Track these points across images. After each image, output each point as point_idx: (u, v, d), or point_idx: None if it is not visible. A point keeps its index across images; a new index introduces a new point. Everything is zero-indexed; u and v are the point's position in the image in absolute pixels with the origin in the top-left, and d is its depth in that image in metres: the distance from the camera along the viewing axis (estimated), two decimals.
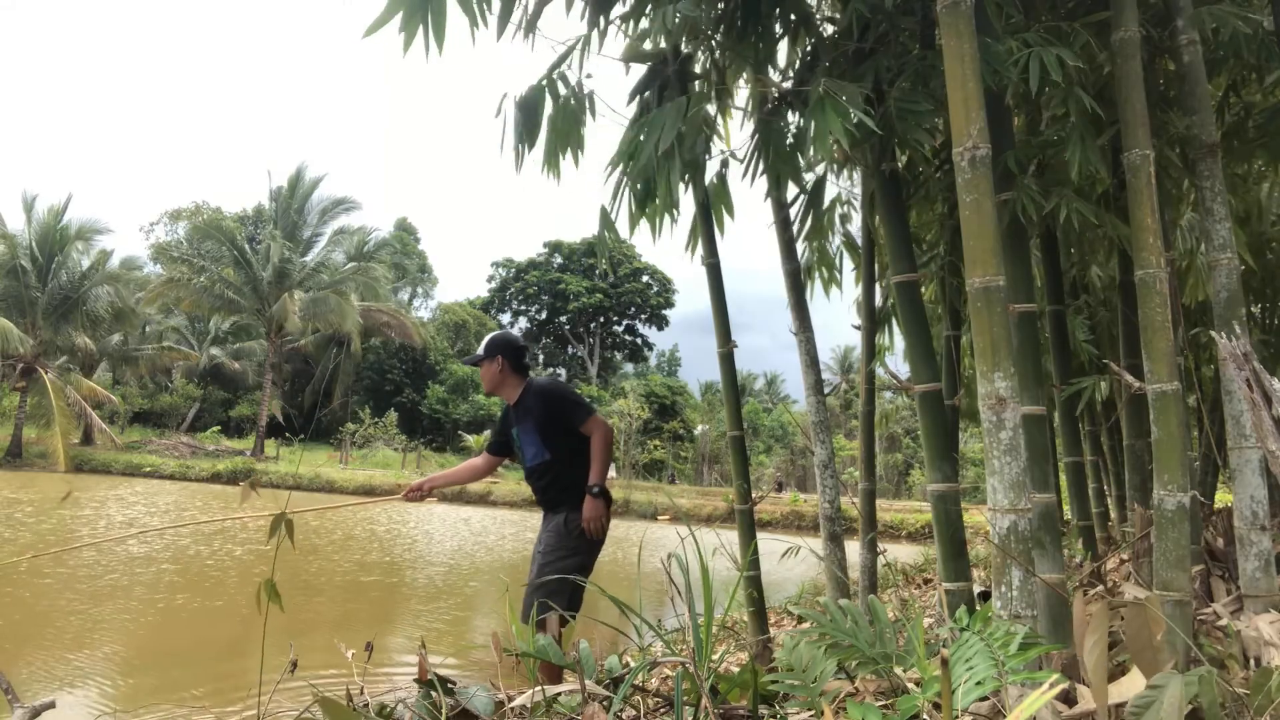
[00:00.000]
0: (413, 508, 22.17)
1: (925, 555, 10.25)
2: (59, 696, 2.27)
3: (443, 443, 41.85)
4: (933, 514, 2.58)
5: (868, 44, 2.89)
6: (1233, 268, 2.58)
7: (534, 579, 3.33)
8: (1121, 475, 5.00)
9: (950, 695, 1.17)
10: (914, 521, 20.54)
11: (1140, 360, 2.45)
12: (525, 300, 53.76)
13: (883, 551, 4.16)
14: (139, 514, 15.66)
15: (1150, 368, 2.34)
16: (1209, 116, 2.67)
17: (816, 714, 1.66)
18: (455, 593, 9.46)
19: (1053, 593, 2.40)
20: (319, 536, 13.48)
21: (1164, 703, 1.39)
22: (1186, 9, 2.66)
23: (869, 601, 1.98)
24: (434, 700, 1.83)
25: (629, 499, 25.88)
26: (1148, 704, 1.41)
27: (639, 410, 35.54)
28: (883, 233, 3.28)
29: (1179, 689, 1.40)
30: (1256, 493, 2.48)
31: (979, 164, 2.14)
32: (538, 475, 3.54)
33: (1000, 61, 2.39)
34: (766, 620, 3.92)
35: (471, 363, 3.62)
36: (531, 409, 3.53)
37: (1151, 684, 1.46)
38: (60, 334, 31.23)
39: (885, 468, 41.96)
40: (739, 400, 3.93)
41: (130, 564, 9.67)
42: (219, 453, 33.68)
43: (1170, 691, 1.40)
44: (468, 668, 5.49)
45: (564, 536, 3.40)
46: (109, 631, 6.33)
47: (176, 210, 49.57)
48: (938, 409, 2.68)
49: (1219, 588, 3.02)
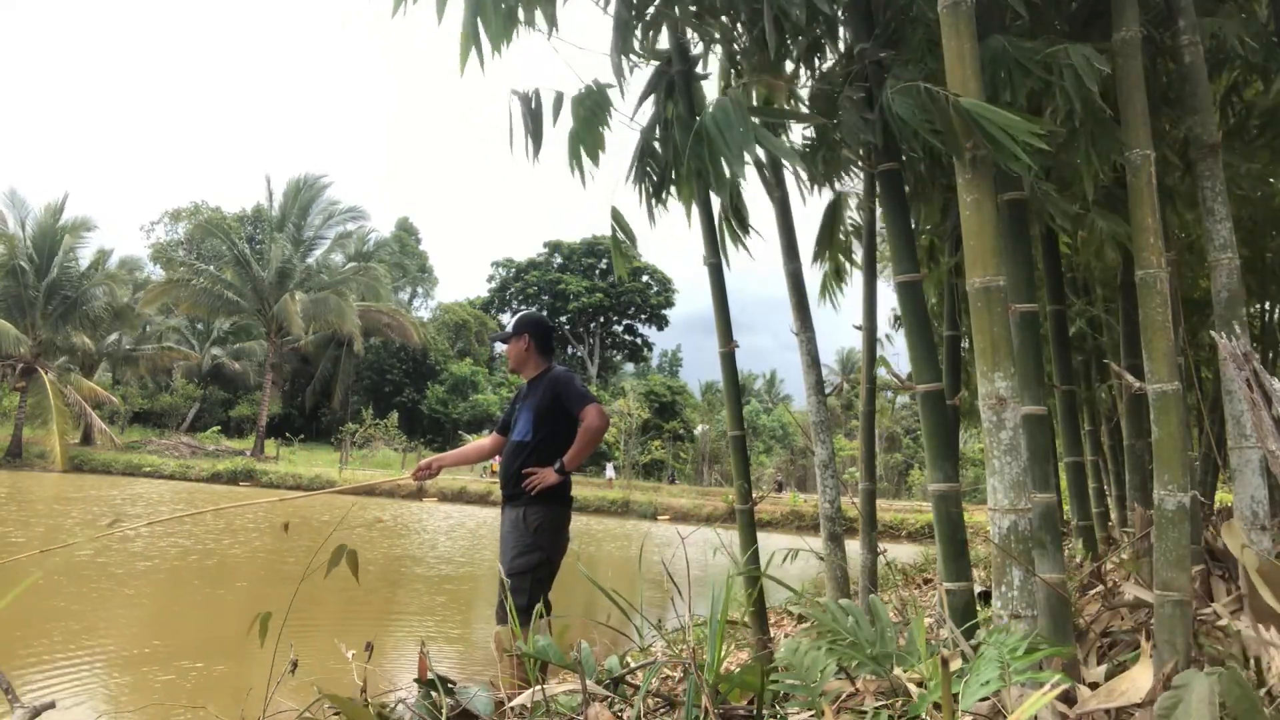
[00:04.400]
0: (413, 507, 22.18)
1: (925, 555, 10.26)
2: (59, 696, 2.27)
3: (442, 443, 41.86)
4: (933, 514, 2.57)
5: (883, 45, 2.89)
6: (1233, 268, 2.58)
7: (500, 575, 3.37)
8: (1122, 475, 5.01)
9: (950, 695, 1.17)
10: (914, 521, 20.55)
11: (1140, 360, 2.45)
12: (525, 300, 53.77)
13: (883, 551, 4.16)
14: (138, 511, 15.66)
15: (1150, 368, 2.34)
16: (1210, 116, 2.67)
17: (817, 714, 1.66)
18: (456, 592, 9.46)
19: (1053, 593, 2.40)
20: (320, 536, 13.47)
21: (1192, 702, 1.36)
22: (1188, 9, 2.65)
23: (870, 601, 1.98)
24: (434, 700, 1.83)
25: (629, 499, 25.91)
26: (1174, 704, 1.39)
27: (639, 410, 35.53)
28: (885, 232, 3.29)
29: (1206, 688, 1.38)
30: (1257, 493, 2.48)
31: (980, 164, 2.14)
32: (512, 455, 3.54)
33: (1028, 57, 2.38)
34: (766, 620, 3.92)
35: (500, 339, 3.79)
36: (540, 391, 3.56)
37: (1175, 683, 1.44)
38: (59, 334, 31.23)
39: (885, 468, 41.98)
40: (740, 400, 3.93)
41: (130, 564, 9.66)
42: (219, 453, 33.68)
43: (1197, 691, 1.38)
44: (468, 668, 5.49)
45: (522, 533, 3.39)
46: (109, 631, 6.33)
47: (176, 210, 49.66)
48: (939, 409, 2.68)
49: (1219, 588, 3.01)
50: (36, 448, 29.30)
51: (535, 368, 3.63)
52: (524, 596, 3.23)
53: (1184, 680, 1.42)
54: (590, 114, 2.89)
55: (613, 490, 28.37)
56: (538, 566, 3.34)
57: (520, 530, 3.39)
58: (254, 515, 15.70)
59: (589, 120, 2.90)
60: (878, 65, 2.85)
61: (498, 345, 43.83)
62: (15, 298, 30.25)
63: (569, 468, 3.41)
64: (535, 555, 3.34)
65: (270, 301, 35.32)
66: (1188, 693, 1.39)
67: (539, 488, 3.37)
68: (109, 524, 4.54)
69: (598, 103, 2.91)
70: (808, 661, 1.73)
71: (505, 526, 3.48)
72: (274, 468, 29.68)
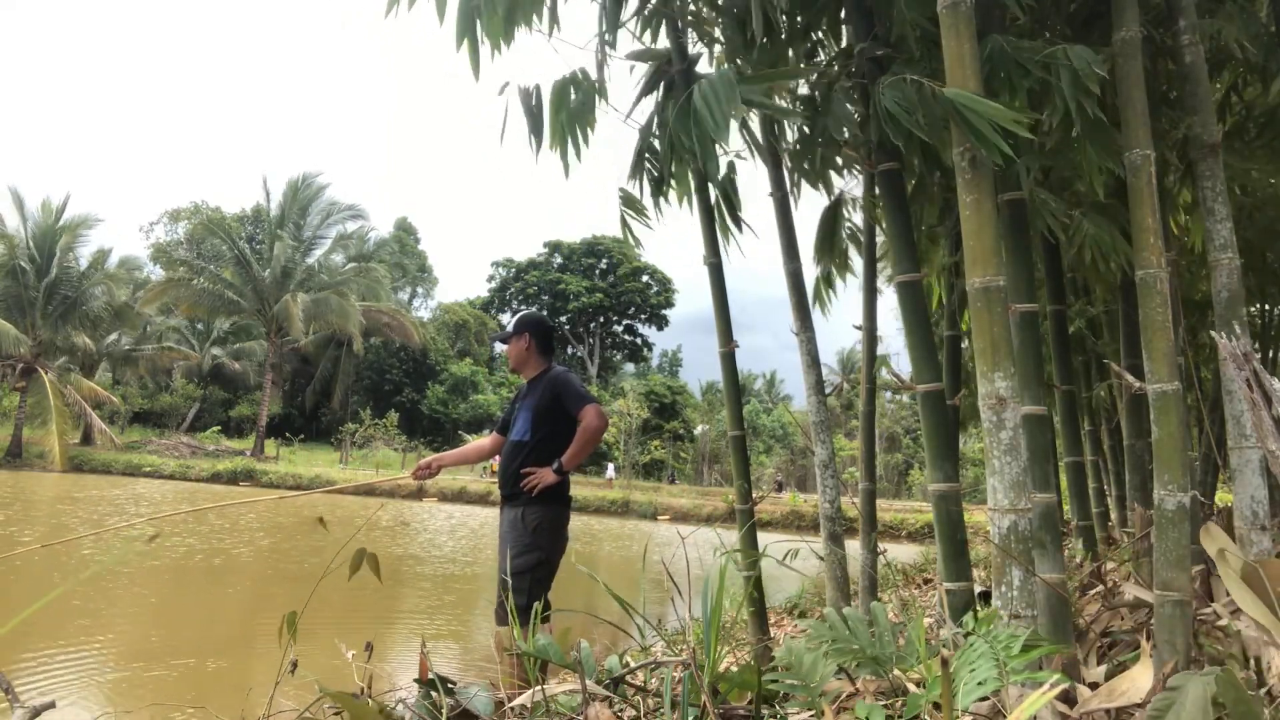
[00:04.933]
0: (414, 507, 22.19)
1: (925, 555, 10.26)
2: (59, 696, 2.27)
3: (442, 443, 41.87)
4: (934, 514, 2.58)
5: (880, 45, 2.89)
6: (1233, 268, 2.58)
7: (499, 575, 3.37)
8: (1122, 475, 5.00)
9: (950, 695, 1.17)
10: (914, 521, 20.55)
11: (1140, 360, 2.45)
12: (525, 300, 53.78)
13: (883, 551, 4.16)
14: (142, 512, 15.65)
15: (1150, 368, 2.34)
16: (1210, 116, 2.67)
17: (817, 714, 1.66)
18: (456, 592, 9.46)
19: (1053, 592, 2.40)
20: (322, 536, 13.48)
21: (1186, 704, 1.36)
22: (1188, 10, 2.66)
23: (870, 607, 1.98)
24: (434, 700, 1.84)
25: (629, 499, 25.91)
26: (1168, 705, 1.38)
27: (639, 410, 35.53)
28: (885, 233, 3.29)
29: (1201, 689, 1.37)
30: (1256, 493, 2.48)
31: (979, 164, 2.14)
32: (510, 455, 3.54)
33: (1027, 57, 2.38)
34: (767, 620, 3.92)
35: (500, 339, 3.76)
36: (539, 391, 3.56)
37: (1169, 685, 1.44)
38: (59, 334, 31.24)
39: (885, 468, 41.98)
40: (740, 400, 3.93)
41: (130, 564, 9.66)
42: (219, 453, 33.68)
43: (1192, 692, 1.37)
44: (468, 668, 5.49)
45: (521, 532, 3.39)
46: (110, 631, 6.33)
47: (176, 210, 49.64)
48: (939, 409, 2.68)
49: (1219, 588, 3.01)
50: (36, 448, 29.30)
51: (535, 367, 3.64)
52: (523, 596, 3.23)
53: (1179, 681, 1.42)
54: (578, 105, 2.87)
55: (613, 490, 28.38)
56: (536, 566, 3.34)
57: (519, 530, 3.39)
58: (254, 515, 15.70)
59: (576, 110, 2.87)
60: (875, 62, 2.85)
61: (498, 345, 43.76)
62: (15, 298, 30.25)
63: (567, 468, 3.41)
64: (534, 555, 3.34)
65: (270, 301, 35.32)
66: (1182, 694, 1.39)
67: (538, 488, 3.37)
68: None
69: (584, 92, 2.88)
70: (808, 661, 1.73)
71: (504, 526, 3.48)
72: (274, 468, 29.68)
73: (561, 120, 2.85)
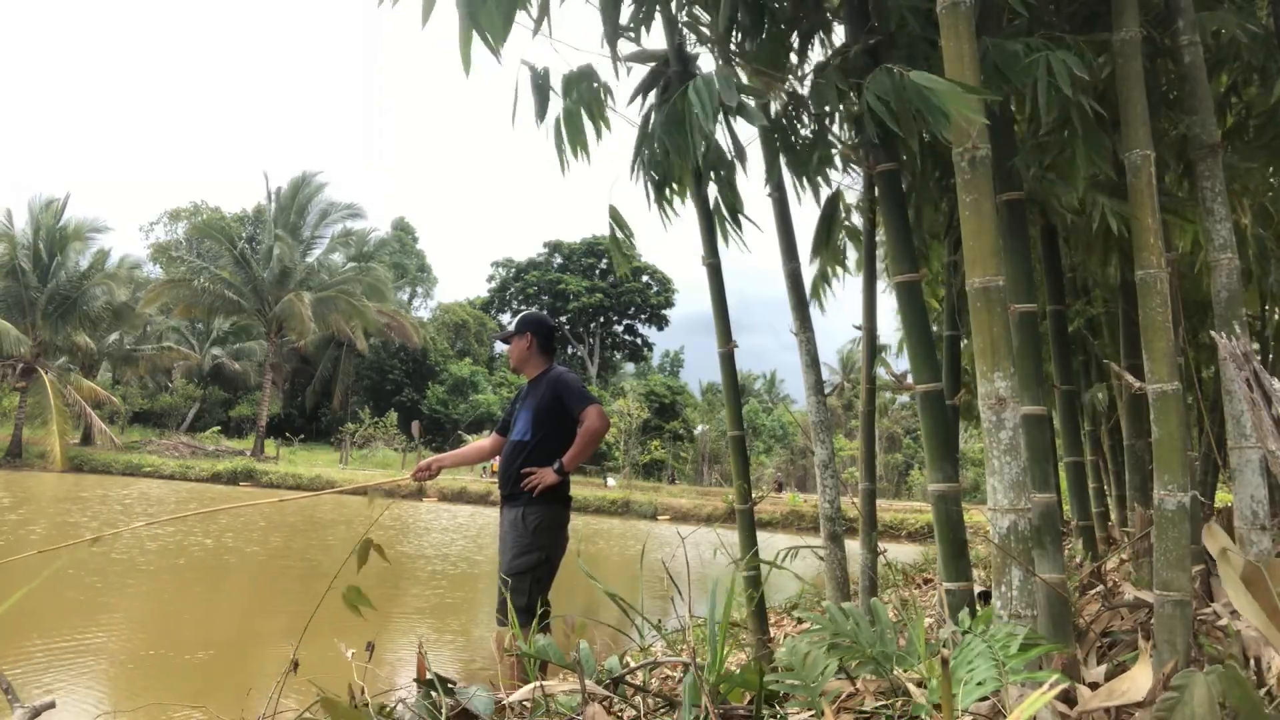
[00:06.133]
0: (415, 508, 22.18)
1: (925, 555, 10.26)
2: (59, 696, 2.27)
3: (442, 443, 41.87)
4: (933, 514, 2.58)
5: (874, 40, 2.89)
6: (1233, 268, 2.58)
7: (500, 575, 3.37)
8: (1122, 475, 5.00)
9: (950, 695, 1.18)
10: (914, 521, 20.53)
11: (1140, 360, 2.45)
12: (525, 300, 53.79)
13: (883, 551, 4.16)
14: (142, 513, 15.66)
15: (1150, 368, 2.34)
16: (1210, 117, 2.67)
17: (817, 714, 1.67)
18: (456, 592, 9.46)
19: (1053, 593, 2.40)
20: (324, 535, 13.48)
21: (1193, 703, 1.35)
22: (1187, 10, 2.66)
23: (870, 604, 1.98)
24: (434, 700, 1.84)
25: (629, 499, 25.90)
26: (1173, 704, 1.38)
27: (639, 410, 35.51)
28: (883, 232, 3.29)
29: (1206, 687, 1.37)
30: (1257, 493, 2.48)
31: (979, 164, 2.14)
32: (511, 455, 3.54)
33: (1011, 62, 2.38)
34: (767, 620, 3.92)
35: (501, 338, 3.78)
36: (540, 392, 3.56)
37: (1173, 684, 1.43)
38: (60, 334, 31.23)
39: (885, 468, 41.98)
40: (739, 400, 3.93)
41: (130, 564, 9.67)
42: (219, 453, 33.66)
43: (1198, 691, 1.37)
44: (468, 668, 5.49)
45: (521, 532, 3.39)
46: (110, 631, 6.33)
47: (176, 210, 49.63)
48: (939, 409, 2.68)
49: (1219, 588, 3.01)
50: (36, 448, 29.29)
51: (536, 367, 3.64)
52: (523, 596, 3.23)
53: (1183, 680, 1.42)
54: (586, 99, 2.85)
55: (613, 490, 28.38)
56: (537, 566, 3.34)
57: (519, 530, 3.39)
58: (254, 515, 15.70)
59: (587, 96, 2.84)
60: (870, 56, 2.84)
61: (498, 345, 43.81)
62: (15, 298, 30.24)
63: (568, 468, 3.41)
64: (534, 555, 3.34)
65: (270, 301, 35.30)
66: (1188, 693, 1.38)
67: (539, 488, 3.37)
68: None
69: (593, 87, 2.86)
70: (808, 661, 1.73)
71: (504, 526, 3.48)
72: (274, 468, 29.67)
73: (572, 100, 2.82)
